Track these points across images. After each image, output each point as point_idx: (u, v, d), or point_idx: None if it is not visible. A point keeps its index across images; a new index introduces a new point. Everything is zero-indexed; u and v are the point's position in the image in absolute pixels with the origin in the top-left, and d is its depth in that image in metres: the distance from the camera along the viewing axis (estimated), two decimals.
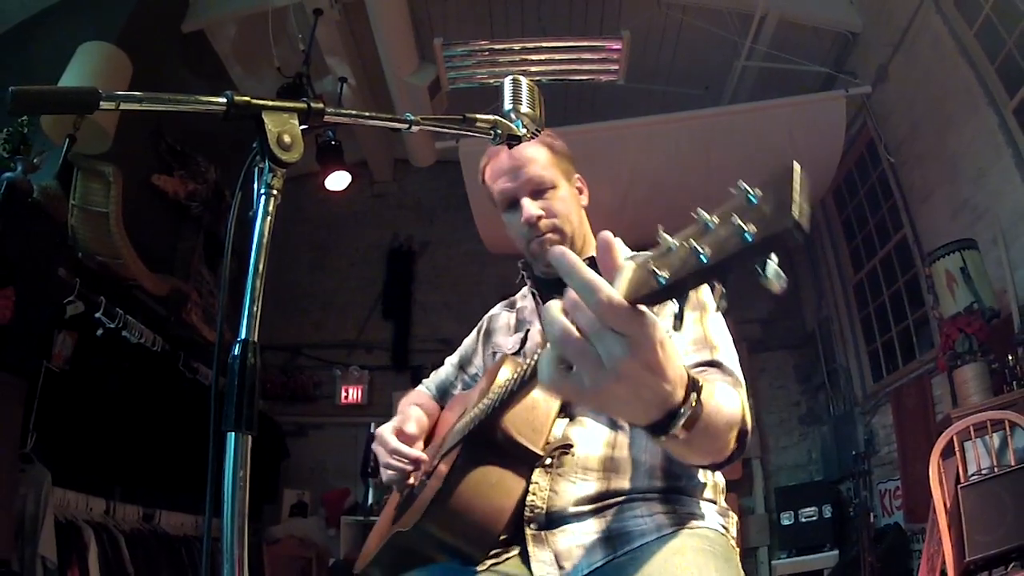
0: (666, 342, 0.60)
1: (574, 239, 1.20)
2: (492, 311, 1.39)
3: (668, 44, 4.39)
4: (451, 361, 1.42)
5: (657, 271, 0.53)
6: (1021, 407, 2.38)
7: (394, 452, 1.10)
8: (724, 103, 4.38)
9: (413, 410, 1.21)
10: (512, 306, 1.36)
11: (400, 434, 1.14)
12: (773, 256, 0.48)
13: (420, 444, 1.16)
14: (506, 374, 0.98)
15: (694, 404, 0.65)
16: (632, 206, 3.89)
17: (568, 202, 1.20)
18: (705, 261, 0.49)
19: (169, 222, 3.88)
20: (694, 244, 0.50)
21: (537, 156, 1.20)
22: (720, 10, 4.04)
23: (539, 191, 1.19)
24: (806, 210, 0.46)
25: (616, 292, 0.56)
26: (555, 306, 0.60)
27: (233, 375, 0.71)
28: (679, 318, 0.54)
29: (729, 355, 1.00)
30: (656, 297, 0.54)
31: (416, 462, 1.10)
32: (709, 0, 4.01)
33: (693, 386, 0.65)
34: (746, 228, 0.47)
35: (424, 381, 1.45)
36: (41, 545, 2.45)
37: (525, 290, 1.33)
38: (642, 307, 0.57)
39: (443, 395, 1.39)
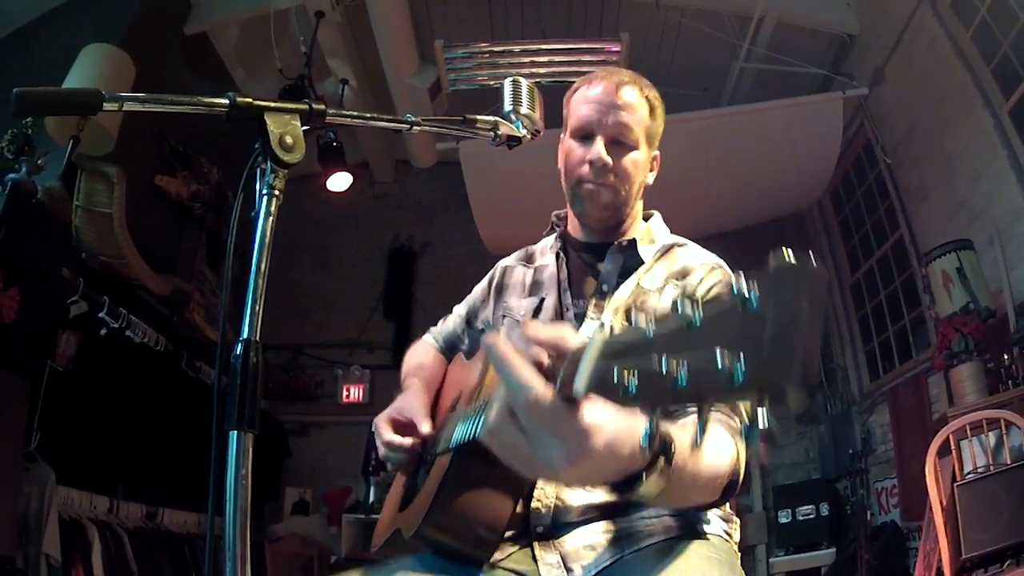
0: (616, 440, 0.54)
1: (623, 207, 1.12)
2: (506, 261, 1.28)
3: (667, 46, 4.41)
4: (459, 312, 1.32)
5: (625, 377, 0.44)
6: (1017, 406, 2.40)
7: (387, 444, 1.06)
8: (723, 104, 4.41)
9: (413, 401, 1.11)
10: (530, 260, 1.24)
11: (396, 423, 1.08)
12: (763, 408, 0.39)
13: (424, 422, 1.08)
14: None
15: (660, 468, 0.61)
16: None
17: (637, 168, 1.11)
18: (682, 387, 0.40)
19: (172, 223, 3.89)
20: (670, 361, 0.41)
21: (638, 108, 1.09)
22: (718, 12, 4.07)
23: (618, 142, 1.08)
24: (815, 352, 0.36)
25: (547, 393, 0.52)
26: (500, 402, 0.56)
27: (235, 374, 0.72)
28: (649, 443, 0.48)
29: None
30: (622, 404, 0.47)
31: (412, 449, 1.05)
32: (707, 2, 4.04)
33: (663, 449, 0.61)
34: (733, 365, 0.37)
35: (431, 330, 1.36)
36: (45, 543, 2.46)
37: (547, 245, 1.23)
38: (584, 406, 0.52)
39: (451, 348, 1.31)
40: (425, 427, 1.06)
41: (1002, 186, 3.15)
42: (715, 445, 0.78)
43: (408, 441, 1.05)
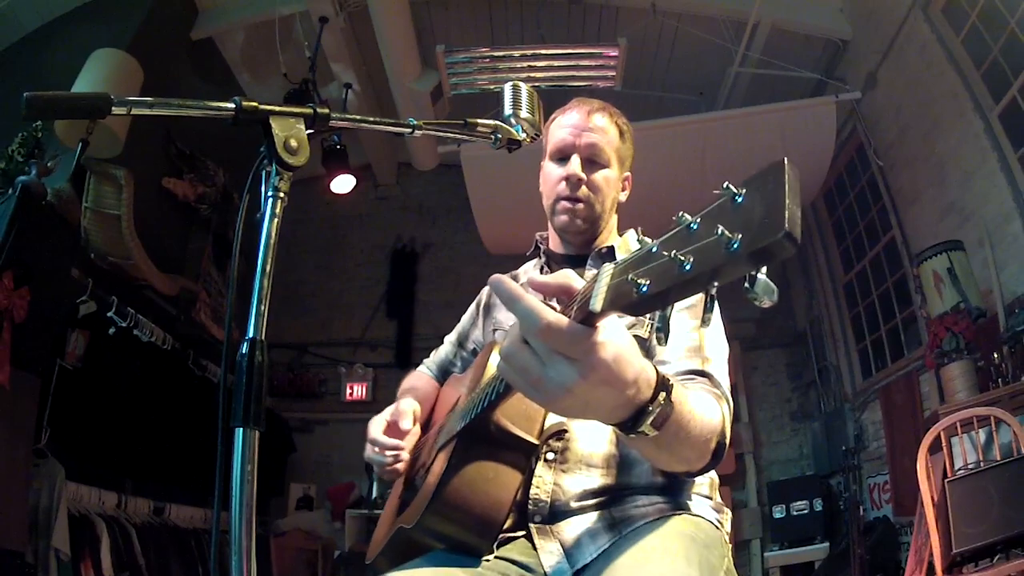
0: (623, 355, 0.59)
1: (597, 221, 1.18)
2: None
3: (663, 51, 4.46)
4: (449, 340, 1.39)
5: (638, 280, 0.49)
6: (1006, 404, 2.44)
7: (373, 442, 1.10)
8: (718, 108, 4.45)
9: (404, 403, 1.16)
10: (515, 280, 1.32)
11: (389, 428, 1.13)
12: (763, 268, 0.44)
13: (413, 434, 1.13)
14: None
15: (663, 402, 0.65)
16: (627, 209, 3.97)
17: (610, 185, 1.19)
18: (688, 270, 0.46)
19: (179, 224, 3.93)
20: (676, 253, 0.47)
21: (609, 130, 1.18)
22: (714, 18, 4.11)
23: (592, 161, 1.17)
24: (797, 215, 0.41)
25: (556, 317, 0.56)
26: (513, 332, 0.60)
27: (241, 373, 0.72)
28: (662, 332, 0.51)
29: (720, 369, 0.99)
30: (636, 308, 0.51)
31: (395, 449, 1.10)
32: (703, 8, 4.09)
33: (663, 385, 0.65)
34: (731, 237, 0.43)
35: (425, 362, 1.42)
36: (55, 538, 2.50)
37: (530, 265, 1.30)
38: (597, 326, 0.56)
39: (444, 374, 1.37)
40: (407, 424, 1.10)
41: (992, 188, 3.19)
42: (705, 402, 0.83)
43: (391, 440, 1.09)
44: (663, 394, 0.66)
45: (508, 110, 1.03)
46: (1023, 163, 3.06)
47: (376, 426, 1.12)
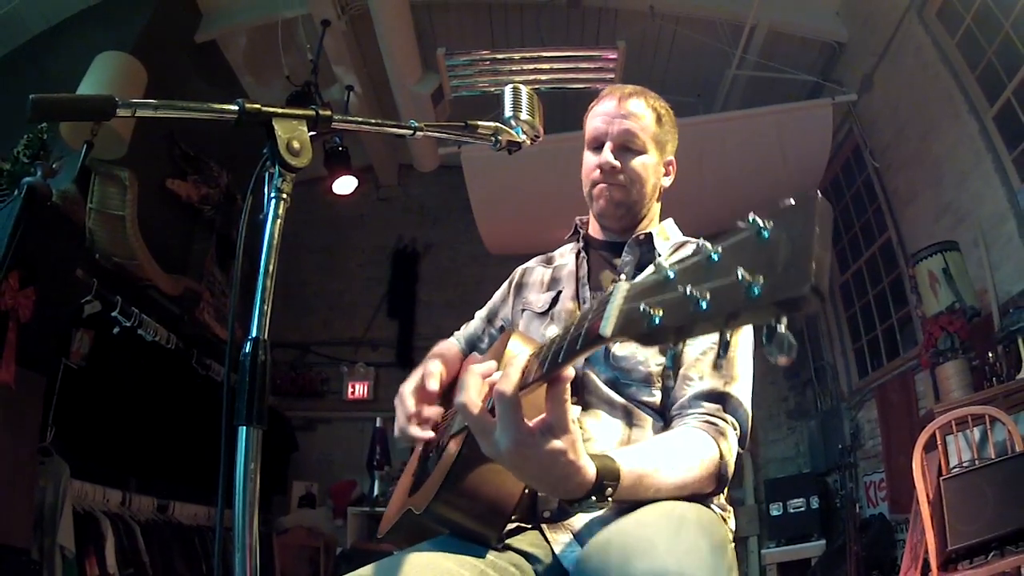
0: (553, 451, 0.69)
1: (635, 206, 1.17)
2: (527, 264, 1.33)
3: (662, 53, 4.49)
4: (480, 315, 1.36)
5: (650, 311, 0.46)
6: (1001, 402, 2.45)
7: (413, 416, 1.05)
8: (716, 110, 4.47)
9: (434, 365, 1.10)
10: (549, 262, 1.30)
11: (420, 391, 1.07)
12: (783, 319, 0.40)
13: (438, 407, 1.09)
14: (514, 353, 0.93)
15: (596, 499, 0.74)
16: None
17: (647, 171, 1.16)
18: (705, 310, 0.43)
19: (183, 225, 3.95)
20: (692, 289, 0.44)
21: (643, 116, 1.16)
22: (712, 21, 4.14)
23: (626, 148, 1.15)
24: (825, 264, 0.39)
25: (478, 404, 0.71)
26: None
27: (244, 372, 0.73)
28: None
29: (742, 391, 0.98)
30: (648, 339, 0.48)
31: (424, 420, 1.05)
32: (701, 11, 4.11)
33: (598, 489, 0.73)
34: (752, 280, 0.40)
35: (455, 333, 1.38)
36: (60, 535, 2.51)
37: (567, 248, 1.28)
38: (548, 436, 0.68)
39: (472, 348, 1.34)
40: (433, 384, 1.07)
41: (987, 189, 3.21)
42: (683, 457, 0.88)
43: (432, 409, 1.06)
44: (593, 499, 0.74)
45: (508, 112, 1.04)
46: (1017, 164, 3.07)
47: (410, 396, 1.09)
